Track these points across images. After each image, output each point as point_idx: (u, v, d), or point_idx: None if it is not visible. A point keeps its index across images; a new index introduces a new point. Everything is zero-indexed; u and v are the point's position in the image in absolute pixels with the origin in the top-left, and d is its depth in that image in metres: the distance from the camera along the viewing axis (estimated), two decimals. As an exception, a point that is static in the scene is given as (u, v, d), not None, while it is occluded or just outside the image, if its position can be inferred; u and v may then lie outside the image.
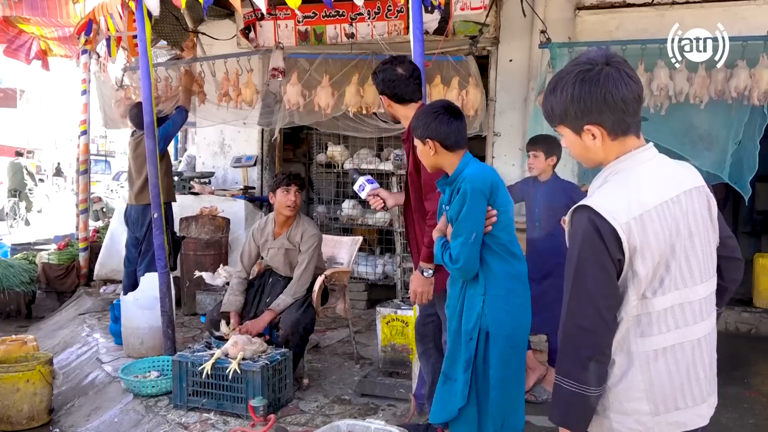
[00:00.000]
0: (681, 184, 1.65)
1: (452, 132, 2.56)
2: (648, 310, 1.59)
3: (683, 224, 1.61)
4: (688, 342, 1.61)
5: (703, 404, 1.64)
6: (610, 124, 1.61)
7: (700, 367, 1.63)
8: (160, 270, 4.34)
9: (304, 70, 5.77)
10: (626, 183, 1.61)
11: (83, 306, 6.35)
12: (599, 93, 1.58)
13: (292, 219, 4.13)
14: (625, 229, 1.54)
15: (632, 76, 1.60)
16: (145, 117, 4.25)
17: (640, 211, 1.56)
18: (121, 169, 20.70)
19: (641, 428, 1.60)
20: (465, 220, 2.43)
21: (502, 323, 2.47)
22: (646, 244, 1.55)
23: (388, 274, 6.33)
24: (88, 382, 4.45)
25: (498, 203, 2.51)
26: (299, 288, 4.02)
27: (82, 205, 7.26)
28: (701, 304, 1.64)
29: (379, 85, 3.09)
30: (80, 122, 7.10)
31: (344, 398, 3.94)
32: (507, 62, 6.25)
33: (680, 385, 1.61)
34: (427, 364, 3.30)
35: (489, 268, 2.51)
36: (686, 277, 1.61)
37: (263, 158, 7.22)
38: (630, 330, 1.60)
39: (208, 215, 5.90)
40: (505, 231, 2.53)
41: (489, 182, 2.49)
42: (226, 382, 3.60)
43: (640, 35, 5.34)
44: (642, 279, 1.56)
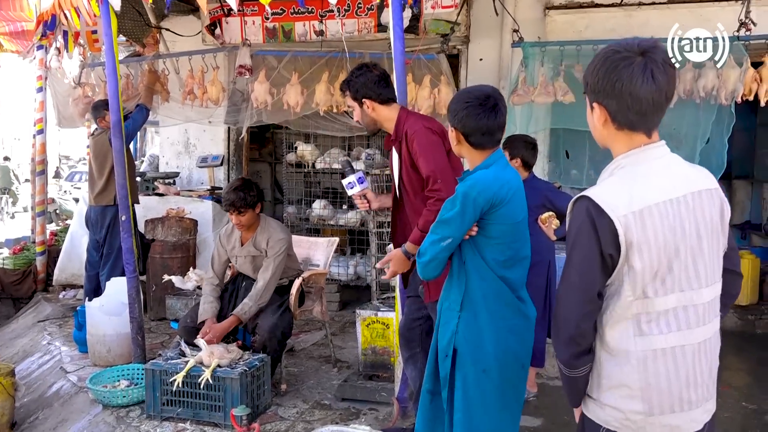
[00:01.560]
0: (691, 184, 1.62)
1: (479, 130, 2.27)
2: (648, 310, 1.57)
3: (690, 225, 1.58)
4: (689, 345, 1.60)
5: (698, 409, 1.63)
6: (613, 111, 1.61)
7: (699, 372, 1.62)
8: (128, 274, 4.17)
9: (272, 68, 5.64)
10: (631, 177, 1.60)
11: (42, 312, 6.09)
12: (612, 77, 1.57)
13: (256, 226, 4.00)
14: (622, 222, 1.53)
15: (656, 77, 1.55)
16: (111, 115, 4.07)
17: (640, 206, 1.54)
18: (75, 169, 20.06)
19: (633, 426, 1.61)
20: (447, 224, 2.24)
21: (473, 344, 2.26)
22: (644, 240, 1.54)
23: (360, 275, 6.26)
24: (52, 393, 4.25)
25: (496, 218, 2.24)
26: (265, 294, 3.86)
27: (39, 207, 6.98)
28: (705, 308, 1.62)
29: (360, 89, 2.99)
30: (36, 121, 6.82)
31: (324, 403, 3.86)
32: (477, 61, 6.24)
33: (678, 389, 1.59)
34: (414, 369, 3.24)
35: (469, 284, 2.29)
36: (692, 279, 1.59)
37: (230, 158, 7.05)
38: (629, 328, 1.58)
39: (175, 217, 5.73)
40: (498, 250, 2.26)
41: (489, 194, 2.21)
42: (202, 390, 3.48)
43: (608, 35, 5.39)
44: (638, 274, 1.55)
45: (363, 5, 5.89)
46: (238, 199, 3.76)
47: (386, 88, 3.00)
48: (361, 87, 2.97)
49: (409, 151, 2.88)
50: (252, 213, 3.86)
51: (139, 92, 5.88)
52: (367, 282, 6.24)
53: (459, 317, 2.29)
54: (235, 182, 3.95)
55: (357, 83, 2.97)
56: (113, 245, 5.15)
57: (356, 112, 3.05)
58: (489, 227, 2.25)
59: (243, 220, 3.84)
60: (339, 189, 7.53)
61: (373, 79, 2.96)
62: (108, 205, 5.18)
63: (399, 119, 2.97)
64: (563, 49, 5.19)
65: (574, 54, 5.15)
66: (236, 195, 3.75)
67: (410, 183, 2.94)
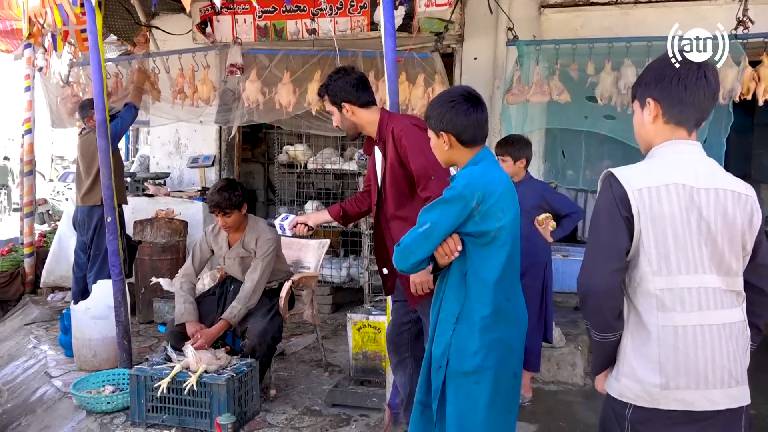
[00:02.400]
0: (717, 182, 1.71)
1: (470, 125, 2.18)
2: (670, 286, 1.67)
3: (709, 215, 1.67)
4: (708, 326, 1.66)
5: (717, 390, 1.66)
6: (667, 104, 1.74)
7: (718, 354, 1.66)
8: (114, 277, 4.07)
9: (263, 67, 5.55)
10: (656, 162, 1.74)
11: (29, 315, 5.98)
12: (672, 73, 1.76)
13: (243, 226, 3.90)
14: (636, 195, 1.66)
15: (709, 77, 1.76)
16: (96, 114, 3.98)
17: (657, 183, 1.67)
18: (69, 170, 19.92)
19: (648, 397, 1.68)
20: (429, 211, 2.13)
21: (466, 357, 2.17)
22: (658, 216, 1.66)
23: (353, 277, 6.17)
24: (36, 398, 4.15)
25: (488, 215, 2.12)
26: (254, 296, 3.76)
27: (27, 208, 6.86)
28: (723, 295, 1.69)
29: (339, 93, 2.89)
30: (24, 120, 6.70)
31: (314, 409, 3.76)
32: (472, 60, 6.17)
33: (695, 366, 1.65)
34: (403, 375, 3.15)
35: (468, 292, 2.18)
36: (705, 263, 1.68)
37: (221, 158, 6.96)
38: (651, 304, 1.68)
39: (164, 218, 5.62)
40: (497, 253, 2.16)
41: (478, 190, 2.10)
42: (188, 397, 3.39)
43: (604, 33, 5.33)
44: (653, 249, 1.67)
45: (356, 3, 5.81)
46: (223, 200, 3.66)
47: (365, 91, 2.91)
48: (339, 91, 2.88)
49: (396, 148, 2.79)
50: (238, 214, 3.76)
51: (128, 91, 5.79)
52: (360, 284, 6.15)
53: (454, 329, 2.19)
54: (219, 183, 3.84)
55: (335, 87, 2.88)
56: (100, 247, 5.05)
57: (336, 116, 2.95)
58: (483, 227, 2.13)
59: (229, 222, 3.74)
60: (332, 189, 7.45)
61: (351, 82, 2.88)
62: (95, 205, 5.08)
63: (381, 120, 2.89)
64: (558, 47, 5.11)
65: (570, 53, 5.07)
66: (221, 196, 3.66)
67: (395, 183, 2.84)
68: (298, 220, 3.16)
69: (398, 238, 2.88)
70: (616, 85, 4.84)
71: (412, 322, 3.11)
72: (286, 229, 3.18)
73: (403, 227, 2.83)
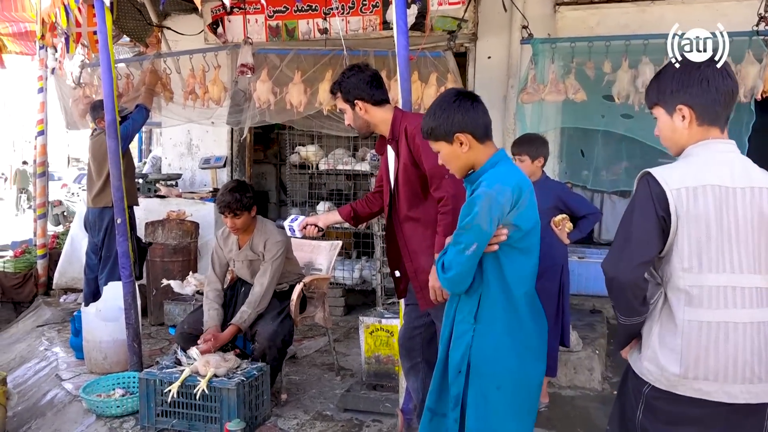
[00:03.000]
0: (753, 180, 1.75)
1: (481, 118, 2.13)
2: (699, 284, 1.72)
3: (744, 213, 1.72)
4: (733, 323, 1.70)
5: (738, 385, 1.70)
6: (700, 108, 1.77)
7: (741, 350, 1.70)
8: (124, 279, 4.03)
9: (274, 67, 5.50)
10: (692, 162, 1.76)
11: (42, 317, 5.98)
12: (699, 76, 1.79)
13: (252, 228, 3.84)
14: (674, 195, 1.70)
15: (730, 74, 1.82)
16: (106, 115, 3.94)
17: (694, 183, 1.71)
18: (83, 171, 20.05)
19: (666, 383, 1.75)
20: (468, 229, 2.03)
21: (487, 359, 2.10)
22: (694, 216, 1.70)
23: (365, 279, 6.10)
24: (46, 401, 4.12)
25: (517, 220, 2.06)
26: (264, 300, 3.70)
27: (40, 209, 6.87)
28: (753, 293, 1.72)
29: (352, 91, 2.83)
30: (37, 122, 6.71)
31: (326, 414, 3.70)
32: (485, 59, 6.09)
33: (715, 361, 1.70)
34: (416, 380, 3.08)
35: (488, 292, 2.11)
36: (743, 262, 1.71)
37: (233, 159, 6.92)
38: (680, 298, 1.74)
39: (176, 219, 5.59)
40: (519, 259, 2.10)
41: (509, 191, 2.02)
42: (198, 402, 3.34)
43: (621, 31, 5.23)
44: (686, 247, 1.71)
45: (368, 2, 5.75)
46: (234, 200, 3.60)
47: (379, 89, 2.85)
48: (352, 88, 2.81)
49: (409, 148, 2.72)
50: (247, 216, 3.71)
51: (140, 93, 5.77)
52: (372, 286, 6.08)
53: (474, 330, 2.12)
54: (229, 184, 3.79)
55: (348, 84, 2.82)
56: (111, 248, 5.02)
57: (348, 114, 2.88)
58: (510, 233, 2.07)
59: (238, 223, 3.69)
60: (344, 190, 7.39)
61: (365, 79, 2.81)
62: (106, 207, 5.05)
63: (395, 119, 2.81)
64: (574, 45, 5.01)
65: (586, 51, 4.98)
66: (231, 196, 3.61)
67: (408, 183, 2.78)
68: (307, 221, 3.10)
69: (411, 239, 2.84)
70: (634, 83, 4.74)
71: (425, 326, 3.04)
72: (296, 230, 3.11)
73: (416, 228, 2.79)
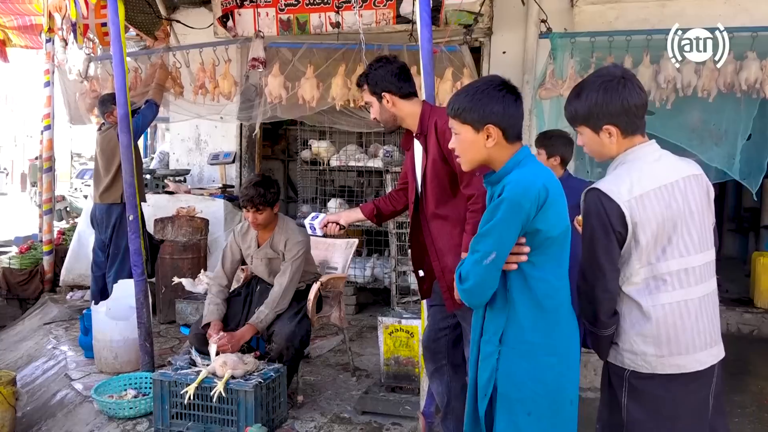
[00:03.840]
0: (680, 171, 1.98)
1: (518, 117, 1.97)
2: (654, 274, 1.93)
3: (683, 203, 1.94)
4: (691, 300, 1.93)
5: (702, 352, 1.94)
6: (624, 125, 1.96)
7: (701, 321, 1.95)
8: (136, 277, 3.94)
9: (286, 61, 5.40)
10: (630, 170, 1.94)
11: (48, 314, 5.88)
12: (618, 98, 1.94)
13: (273, 225, 3.75)
14: (627, 206, 1.88)
15: (641, 87, 1.99)
16: (119, 109, 3.84)
17: (640, 192, 1.89)
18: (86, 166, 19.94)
19: (647, 366, 1.94)
20: (487, 236, 1.88)
21: (515, 384, 1.94)
22: (646, 219, 1.89)
23: (377, 277, 6.01)
24: (56, 401, 4.03)
25: (544, 224, 1.88)
26: (283, 301, 3.61)
27: (46, 205, 6.78)
28: (701, 270, 1.96)
29: (380, 83, 2.72)
30: (43, 116, 6.61)
31: (344, 416, 3.61)
32: (500, 54, 5.97)
33: (683, 335, 1.92)
34: (440, 384, 2.98)
35: (515, 311, 1.94)
36: (688, 246, 1.93)
37: (242, 155, 6.82)
38: (640, 290, 1.94)
39: (186, 216, 5.50)
40: (550, 266, 1.93)
41: (534, 195, 1.85)
42: (214, 404, 3.24)
43: (640, 26, 5.12)
44: (643, 247, 1.90)
45: (382, -5, 5.64)
46: (258, 195, 3.52)
47: (407, 81, 2.75)
48: (380, 80, 2.71)
49: (439, 143, 2.62)
50: (270, 212, 3.62)
51: (149, 87, 5.67)
52: (384, 284, 5.99)
53: (499, 352, 1.96)
54: (253, 177, 3.70)
55: (376, 76, 2.72)
56: (119, 245, 4.94)
57: (374, 107, 2.77)
58: (536, 239, 1.90)
59: (260, 219, 3.60)
60: (355, 187, 7.29)
61: (393, 71, 2.72)
62: (114, 203, 4.96)
63: (423, 113, 2.72)
64: (594, 40, 4.91)
65: (606, 45, 4.88)
66: (255, 190, 3.52)
67: (436, 179, 2.67)
68: (329, 219, 3.01)
69: (438, 237, 2.74)
70: (656, 79, 4.64)
71: (450, 327, 2.93)
72: (317, 228, 3.03)
73: (444, 227, 2.70)
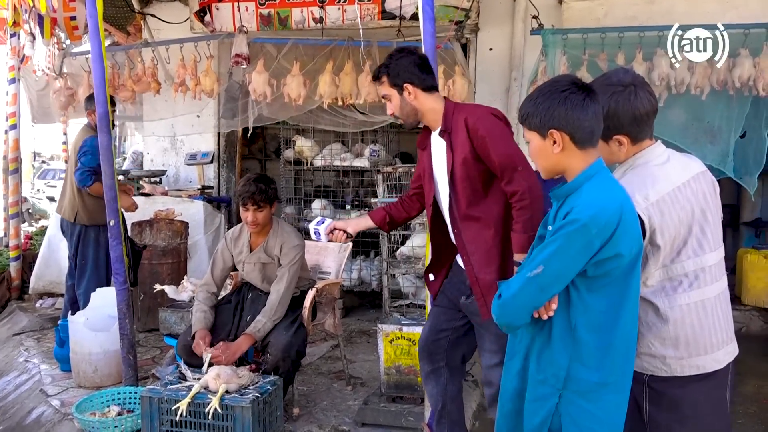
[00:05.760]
0: (689, 170, 1.96)
1: (589, 120, 1.74)
2: (670, 275, 1.90)
3: (695, 203, 1.91)
4: (707, 299, 1.91)
5: (719, 351, 1.92)
6: (635, 134, 1.94)
7: (716, 320, 1.92)
8: (118, 286, 3.70)
9: (271, 57, 5.22)
10: (641, 176, 1.92)
11: (18, 324, 5.57)
12: (629, 109, 1.91)
13: (267, 229, 3.57)
14: (645, 214, 1.82)
15: (651, 92, 1.96)
16: (98, 107, 3.59)
17: (656, 197, 1.85)
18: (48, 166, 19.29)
19: (666, 368, 1.91)
20: (548, 260, 1.70)
21: (582, 430, 1.75)
22: (664, 224, 1.84)
23: (363, 280, 5.85)
24: (32, 420, 3.77)
25: (614, 251, 1.69)
26: (280, 309, 3.43)
27: (12, 208, 6.42)
28: (715, 268, 1.94)
29: (402, 73, 2.55)
30: (9, 115, 6.26)
31: (342, 429, 3.45)
32: (487, 51, 5.87)
33: (701, 335, 1.89)
34: (436, 385, 2.86)
35: (579, 350, 1.74)
36: (704, 245, 1.91)
37: (220, 154, 6.59)
38: (656, 292, 1.90)
39: (165, 219, 5.25)
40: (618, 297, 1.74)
41: (605, 220, 1.66)
42: (207, 420, 3.05)
43: (629, 23, 5.07)
44: (662, 251, 1.86)
45: (366, -10, 5.48)
46: (258, 191, 3.34)
47: (429, 74, 2.60)
48: (402, 71, 2.54)
49: (471, 140, 2.46)
50: (269, 210, 3.45)
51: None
52: (372, 287, 5.84)
53: (561, 396, 1.78)
54: (251, 175, 3.51)
55: (398, 66, 2.56)
56: (87, 255, 4.60)
57: (394, 101, 2.60)
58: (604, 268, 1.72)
59: (260, 217, 3.41)
60: (338, 188, 7.10)
61: (415, 61, 2.57)
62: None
63: (446, 110, 2.56)
64: (586, 36, 4.84)
65: (598, 42, 4.82)
66: (256, 186, 3.34)
67: (468, 179, 2.50)
68: (336, 226, 2.83)
69: (471, 240, 2.57)
70: (649, 76, 4.58)
71: (453, 329, 2.81)
72: (322, 235, 2.85)
73: (476, 228, 2.55)
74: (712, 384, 1.94)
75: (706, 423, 1.95)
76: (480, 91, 5.79)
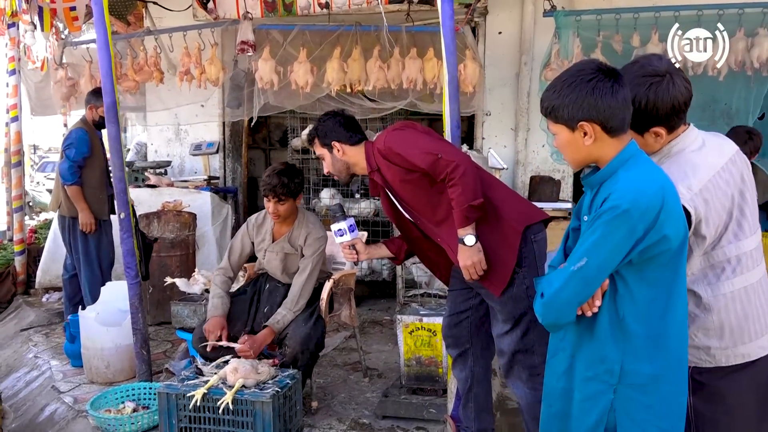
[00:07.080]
0: (724, 153, 1.90)
1: (620, 108, 1.66)
2: (712, 263, 1.85)
3: (734, 187, 1.87)
4: (750, 285, 1.86)
5: (763, 337, 1.87)
6: (673, 123, 1.87)
7: (759, 306, 1.87)
8: (130, 280, 3.62)
9: (277, 44, 5.10)
10: (681, 163, 1.85)
11: (25, 319, 5.50)
12: (666, 99, 1.82)
13: (293, 218, 3.51)
14: (691, 204, 1.76)
15: (686, 79, 1.88)
16: (105, 97, 3.50)
17: (698, 186, 1.80)
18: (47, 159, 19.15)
19: (710, 359, 1.86)
20: (590, 251, 1.63)
21: (639, 424, 1.68)
22: (709, 213, 1.80)
23: (374, 269, 5.79)
24: (45, 417, 3.71)
25: (660, 236, 1.61)
26: (302, 300, 3.38)
27: (16, 202, 6.34)
28: (755, 253, 1.89)
29: (329, 134, 2.80)
30: (9, 107, 6.14)
31: (363, 422, 3.39)
32: (496, 35, 5.77)
33: (746, 323, 1.85)
34: (463, 369, 2.87)
35: (630, 341, 1.67)
36: (745, 229, 1.86)
37: (225, 144, 6.49)
38: (697, 280, 1.85)
39: (173, 211, 5.17)
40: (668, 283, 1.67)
41: (647, 202, 1.58)
42: (227, 416, 2.98)
43: (643, 3, 4.96)
44: (707, 240, 1.82)
45: (373, -26, 5.35)
46: (280, 184, 3.27)
47: (355, 130, 2.83)
48: (329, 131, 2.81)
49: (393, 164, 2.61)
50: (292, 203, 3.37)
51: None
52: (383, 276, 5.77)
53: (616, 391, 1.70)
54: (277, 166, 3.43)
55: (325, 128, 2.83)
56: (77, 248, 4.64)
57: (327, 159, 2.86)
58: (651, 253, 1.64)
59: (281, 210, 3.35)
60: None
61: (340, 122, 2.83)
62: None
63: (367, 152, 2.75)
64: (600, 18, 4.75)
65: (613, 24, 4.72)
66: (279, 179, 3.27)
67: (415, 191, 2.64)
68: (357, 246, 2.82)
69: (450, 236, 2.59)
70: (665, 57, 4.50)
71: (473, 308, 2.82)
72: (345, 238, 2.79)
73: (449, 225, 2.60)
74: (755, 370, 1.90)
75: (751, 411, 1.91)
76: (489, 76, 5.67)
